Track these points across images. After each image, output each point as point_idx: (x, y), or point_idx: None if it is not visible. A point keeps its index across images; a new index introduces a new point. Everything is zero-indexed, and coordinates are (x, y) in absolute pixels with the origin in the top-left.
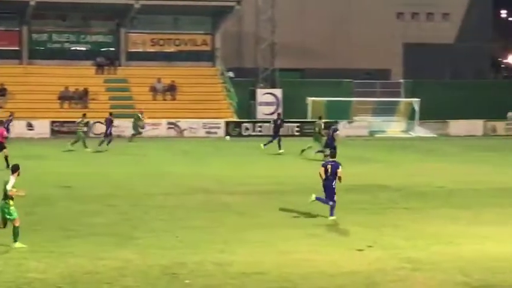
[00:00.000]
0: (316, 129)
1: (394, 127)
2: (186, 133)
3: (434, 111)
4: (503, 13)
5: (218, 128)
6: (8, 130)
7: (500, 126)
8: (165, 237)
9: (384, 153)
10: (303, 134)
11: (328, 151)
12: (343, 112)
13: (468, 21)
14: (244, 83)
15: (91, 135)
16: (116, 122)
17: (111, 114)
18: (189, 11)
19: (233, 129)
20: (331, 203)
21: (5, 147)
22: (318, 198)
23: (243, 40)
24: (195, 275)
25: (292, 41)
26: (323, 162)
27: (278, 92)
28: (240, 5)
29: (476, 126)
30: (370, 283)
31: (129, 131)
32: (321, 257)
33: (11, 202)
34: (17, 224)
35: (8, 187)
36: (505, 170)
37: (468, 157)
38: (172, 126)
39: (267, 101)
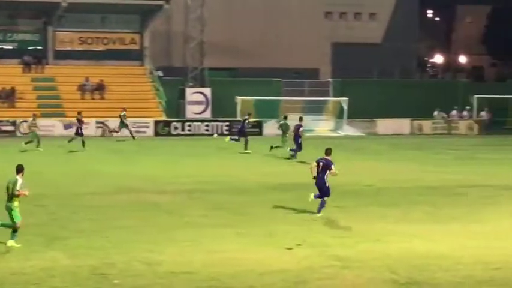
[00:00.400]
0: (282, 128)
1: (323, 126)
2: (115, 132)
3: (362, 110)
4: (430, 13)
5: (147, 127)
6: None
7: (426, 125)
8: (94, 237)
9: (312, 152)
10: (232, 133)
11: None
12: (272, 111)
13: (395, 21)
14: (173, 82)
15: (18, 134)
16: (44, 121)
17: (80, 113)
18: (117, 9)
19: (162, 129)
20: (325, 198)
21: None
22: (316, 196)
23: (172, 39)
24: (124, 275)
25: (221, 40)
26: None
27: (207, 91)
28: (168, 3)
29: (403, 125)
30: (299, 281)
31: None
32: (250, 255)
33: (16, 203)
34: (18, 226)
35: (18, 187)
36: (432, 169)
37: (396, 156)
38: (101, 125)
39: (196, 100)
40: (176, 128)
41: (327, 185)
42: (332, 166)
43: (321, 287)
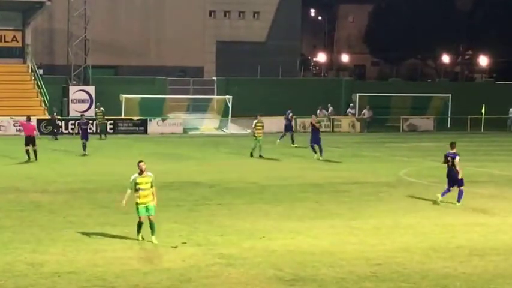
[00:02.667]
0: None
1: (208, 124)
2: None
3: (247, 109)
4: (312, 12)
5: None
6: None
7: (308, 122)
8: None
9: (197, 150)
10: (116, 131)
11: None
12: (156, 109)
13: (278, 20)
14: (56, 80)
15: None
16: None
17: None
18: None
19: (45, 127)
20: (462, 188)
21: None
22: (443, 194)
23: (54, 36)
24: (6, 276)
25: (105, 38)
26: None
27: (91, 89)
28: (50, 0)
29: None
30: (185, 279)
31: None
32: (135, 254)
33: (138, 200)
34: (140, 220)
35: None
36: (316, 166)
37: (280, 153)
38: None
39: (80, 98)
40: (59, 126)
41: (458, 176)
42: (457, 157)
43: (206, 285)
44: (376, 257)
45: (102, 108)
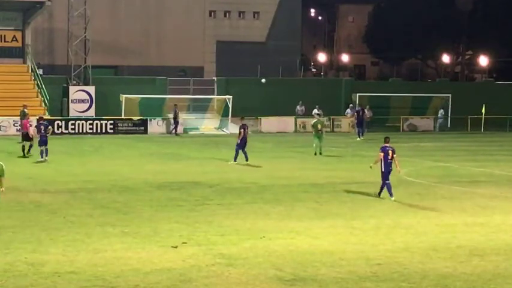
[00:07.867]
0: (319, 126)
1: (208, 124)
2: None
3: (247, 109)
4: (312, 12)
5: (30, 125)
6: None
7: (309, 123)
8: None
9: (197, 150)
10: (117, 131)
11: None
12: (157, 109)
13: (278, 20)
14: (56, 80)
15: None
16: None
17: None
18: None
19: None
20: (387, 182)
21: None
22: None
23: (54, 36)
24: (6, 276)
25: (105, 38)
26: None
27: (91, 89)
28: (50, 0)
29: (287, 123)
30: (185, 280)
31: None
32: (135, 254)
33: None
34: None
35: None
36: (316, 166)
37: (279, 153)
38: None
39: (80, 98)
40: (59, 126)
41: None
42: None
43: (207, 285)
44: (376, 257)
45: (25, 110)
